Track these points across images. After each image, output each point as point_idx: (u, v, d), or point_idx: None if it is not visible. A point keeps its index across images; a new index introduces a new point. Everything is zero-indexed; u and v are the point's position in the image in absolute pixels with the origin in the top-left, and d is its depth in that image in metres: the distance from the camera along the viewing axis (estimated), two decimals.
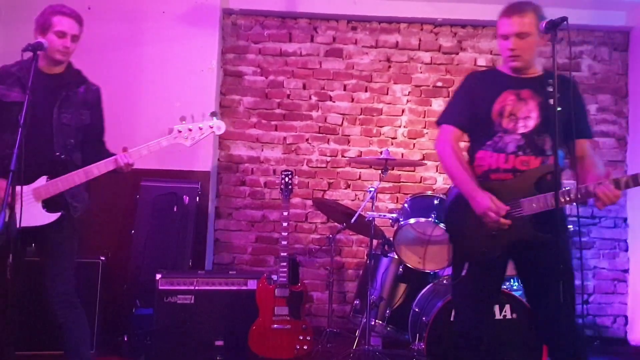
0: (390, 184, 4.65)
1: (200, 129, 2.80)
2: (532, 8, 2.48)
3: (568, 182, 2.48)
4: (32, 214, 2.47)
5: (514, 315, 3.02)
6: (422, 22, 4.73)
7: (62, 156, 2.62)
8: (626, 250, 4.65)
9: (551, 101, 2.37)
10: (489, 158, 2.47)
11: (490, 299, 2.61)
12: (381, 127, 4.71)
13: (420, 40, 4.75)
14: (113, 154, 2.73)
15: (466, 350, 2.49)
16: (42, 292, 2.63)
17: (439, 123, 2.63)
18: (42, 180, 2.56)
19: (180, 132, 2.79)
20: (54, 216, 2.56)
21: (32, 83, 2.34)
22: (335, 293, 4.53)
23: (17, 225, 2.17)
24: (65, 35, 2.65)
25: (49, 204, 2.57)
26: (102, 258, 3.72)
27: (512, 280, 3.36)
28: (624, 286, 4.64)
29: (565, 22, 2.34)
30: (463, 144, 2.62)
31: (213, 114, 2.81)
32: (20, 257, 2.34)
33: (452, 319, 2.95)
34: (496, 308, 3.00)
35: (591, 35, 4.75)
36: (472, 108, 2.53)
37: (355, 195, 4.65)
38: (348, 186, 4.68)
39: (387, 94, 4.73)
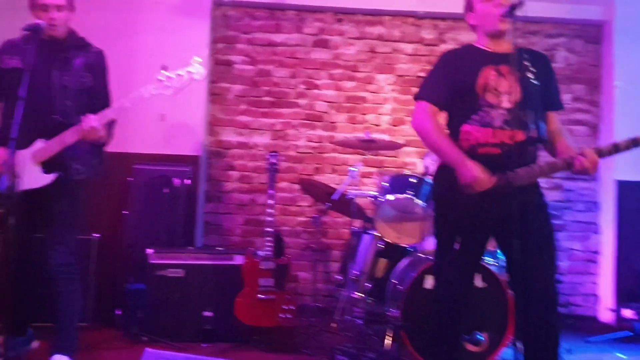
0: (374, 169, 4.85)
1: (181, 75, 2.76)
2: None
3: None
4: (32, 176, 2.61)
5: (485, 284, 3.21)
6: (404, 15, 4.94)
7: (60, 119, 2.72)
8: (597, 232, 4.87)
9: (531, 75, 2.51)
10: (477, 132, 2.50)
11: (473, 270, 2.70)
12: (365, 114, 4.91)
13: (403, 32, 4.96)
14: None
15: (449, 317, 2.60)
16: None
17: (416, 98, 2.69)
18: (40, 143, 2.68)
19: (161, 81, 2.76)
20: (50, 177, 2.67)
21: (32, 56, 2.48)
22: (320, 273, 4.73)
23: (17, 189, 2.32)
24: (47, 7, 2.74)
25: (47, 166, 2.68)
26: (97, 235, 3.91)
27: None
28: (595, 267, 4.87)
29: (522, 5, 2.40)
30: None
31: (164, 68, 2.76)
32: (22, 221, 2.50)
33: (425, 286, 3.15)
34: None
35: (566, 28, 4.98)
36: (452, 84, 2.57)
37: (341, 179, 4.83)
38: (334, 171, 4.88)
39: (372, 83, 4.94)
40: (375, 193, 3.76)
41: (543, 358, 2.46)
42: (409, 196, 3.55)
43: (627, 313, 4.34)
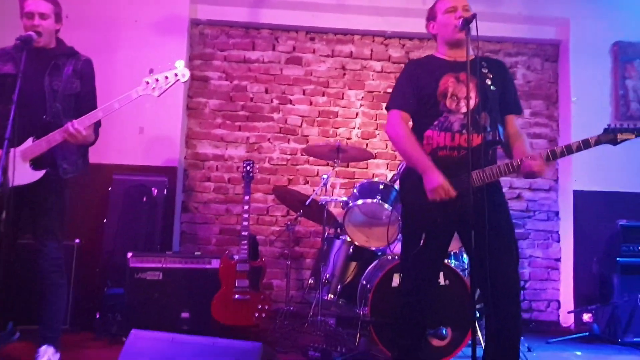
0: (346, 180, 5.06)
1: (167, 78, 2.91)
2: None
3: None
4: (21, 173, 2.74)
5: (447, 282, 3.41)
6: (373, 35, 5.21)
7: (49, 119, 2.88)
8: (558, 240, 5.13)
9: (488, 82, 2.70)
10: (437, 137, 2.68)
11: (439, 264, 2.89)
12: (337, 128, 5.13)
13: (372, 50, 5.22)
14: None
15: (415, 310, 2.75)
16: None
17: (387, 108, 2.85)
18: (29, 142, 2.83)
19: (148, 83, 2.91)
20: (39, 173, 2.83)
21: (24, 65, 2.65)
22: (294, 280, 4.88)
23: (9, 185, 2.47)
24: (32, 15, 2.93)
25: (37, 163, 2.84)
26: (77, 241, 4.02)
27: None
28: (557, 273, 5.11)
29: (474, 19, 2.60)
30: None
31: (151, 71, 2.92)
32: (13, 216, 2.63)
33: (392, 285, 3.34)
34: None
35: (525, 47, 5.30)
36: (416, 92, 2.75)
37: (313, 190, 5.01)
38: (307, 182, 5.07)
39: (342, 98, 5.17)
40: (345, 199, 3.96)
41: (506, 347, 2.63)
42: (377, 201, 3.74)
43: (586, 317, 4.57)
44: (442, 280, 3.41)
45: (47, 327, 2.95)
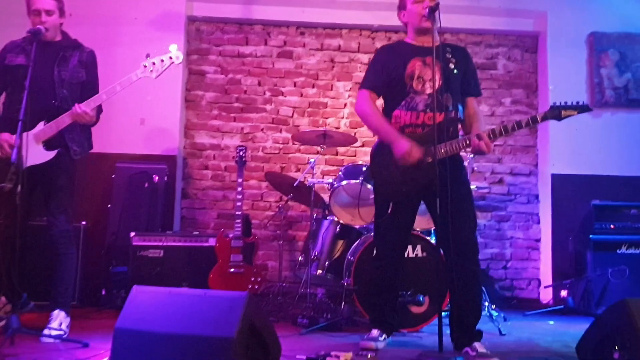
0: (335, 167, 5.34)
1: (162, 61, 3.23)
2: None
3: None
4: (35, 153, 3.06)
5: (424, 254, 3.69)
6: (360, 28, 5.49)
7: (58, 104, 3.19)
8: (538, 222, 5.41)
9: (452, 66, 2.99)
10: (404, 116, 2.99)
11: (407, 231, 3.20)
12: (326, 118, 5.42)
13: (359, 43, 5.51)
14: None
15: (387, 268, 3.09)
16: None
17: (361, 87, 3.15)
18: (41, 125, 3.14)
19: (145, 66, 3.22)
20: (52, 153, 3.14)
21: (35, 55, 2.95)
22: (287, 261, 5.17)
23: (24, 165, 2.78)
24: (39, 12, 3.23)
25: (49, 144, 3.15)
26: (84, 223, 4.31)
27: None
28: (537, 253, 5.39)
29: (437, 7, 2.87)
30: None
31: (147, 56, 3.23)
32: (26, 195, 2.93)
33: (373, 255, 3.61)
34: (410, 248, 3.66)
35: (506, 39, 5.57)
36: (385, 74, 3.06)
37: (305, 177, 5.31)
38: (298, 169, 5.35)
39: (332, 89, 5.46)
40: (332, 181, 4.24)
41: (468, 299, 2.92)
42: (360, 182, 4.02)
43: (563, 293, 4.84)
44: (420, 253, 3.70)
45: (58, 293, 3.24)
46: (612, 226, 4.61)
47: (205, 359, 2.18)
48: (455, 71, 3.02)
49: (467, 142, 2.91)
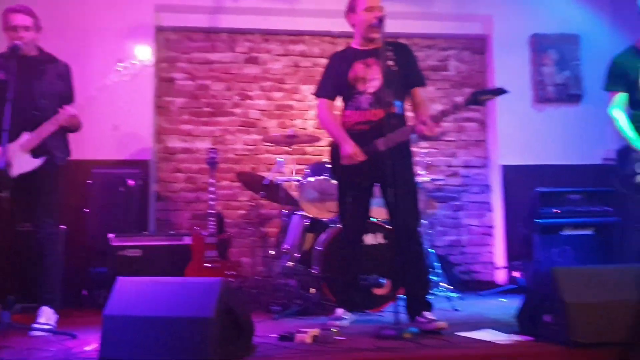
0: (303, 166, 5.65)
1: (134, 64, 3.66)
2: None
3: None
4: (23, 162, 3.32)
5: (385, 241, 4.04)
6: (322, 35, 5.82)
7: (39, 114, 3.44)
8: (491, 210, 5.83)
9: (392, 63, 3.28)
10: (352, 115, 3.37)
11: (365, 217, 3.56)
12: (293, 120, 5.74)
13: (321, 49, 5.84)
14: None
15: (348, 253, 3.46)
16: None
17: (315, 95, 3.57)
18: (25, 135, 3.38)
19: (119, 71, 3.63)
20: (39, 160, 3.39)
21: (14, 68, 3.20)
22: (260, 257, 5.47)
23: (12, 173, 3.04)
24: (17, 28, 3.48)
25: (35, 153, 3.40)
26: (64, 227, 4.53)
27: None
28: (491, 239, 5.82)
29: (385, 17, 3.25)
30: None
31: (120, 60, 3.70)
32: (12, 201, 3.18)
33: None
34: (372, 236, 4.00)
35: (456, 42, 5.98)
36: (334, 79, 3.43)
37: (274, 176, 5.63)
38: (268, 169, 5.63)
39: (297, 93, 5.78)
40: (299, 178, 4.57)
41: (414, 277, 3.29)
42: (325, 178, 4.36)
43: (515, 273, 5.26)
44: (381, 240, 4.05)
45: (45, 290, 3.48)
46: (555, 210, 5.03)
47: (187, 338, 2.48)
48: (394, 68, 3.32)
49: (411, 129, 3.26)
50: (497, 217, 5.74)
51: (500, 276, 5.59)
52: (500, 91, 3.18)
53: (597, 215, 4.99)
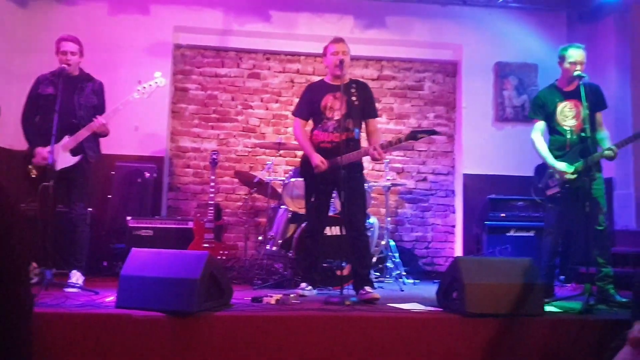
0: (292, 167, 6.62)
1: (150, 85, 4.53)
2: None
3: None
4: (64, 159, 4.29)
5: (343, 232, 4.95)
6: (315, 56, 6.75)
7: (77, 122, 4.37)
8: (454, 212, 6.74)
9: (354, 98, 4.19)
10: (320, 135, 4.28)
11: (325, 213, 4.45)
12: (287, 127, 6.70)
13: (314, 68, 6.80)
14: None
15: (311, 241, 4.37)
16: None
17: (293, 114, 4.50)
18: (66, 138, 4.33)
19: (139, 90, 4.50)
20: (76, 158, 4.35)
21: (61, 87, 4.15)
22: (253, 242, 6.45)
23: (56, 168, 4.03)
24: (66, 53, 4.44)
25: (73, 152, 4.36)
26: (91, 209, 5.55)
27: None
28: (452, 237, 6.73)
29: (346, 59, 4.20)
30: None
31: (139, 82, 4.57)
32: (55, 188, 4.16)
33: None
34: (334, 228, 4.93)
35: (431, 65, 6.88)
36: (309, 105, 4.35)
37: (269, 175, 6.61)
38: (263, 169, 6.60)
39: (292, 104, 6.69)
40: (284, 178, 5.53)
41: (358, 259, 4.20)
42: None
43: None
44: (341, 232, 4.97)
45: (75, 258, 4.46)
46: (502, 215, 5.93)
47: (180, 293, 3.35)
48: (356, 102, 4.26)
49: (365, 152, 4.19)
50: (458, 218, 6.65)
51: None
52: (433, 132, 4.12)
53: (537, 220, 5.82)
